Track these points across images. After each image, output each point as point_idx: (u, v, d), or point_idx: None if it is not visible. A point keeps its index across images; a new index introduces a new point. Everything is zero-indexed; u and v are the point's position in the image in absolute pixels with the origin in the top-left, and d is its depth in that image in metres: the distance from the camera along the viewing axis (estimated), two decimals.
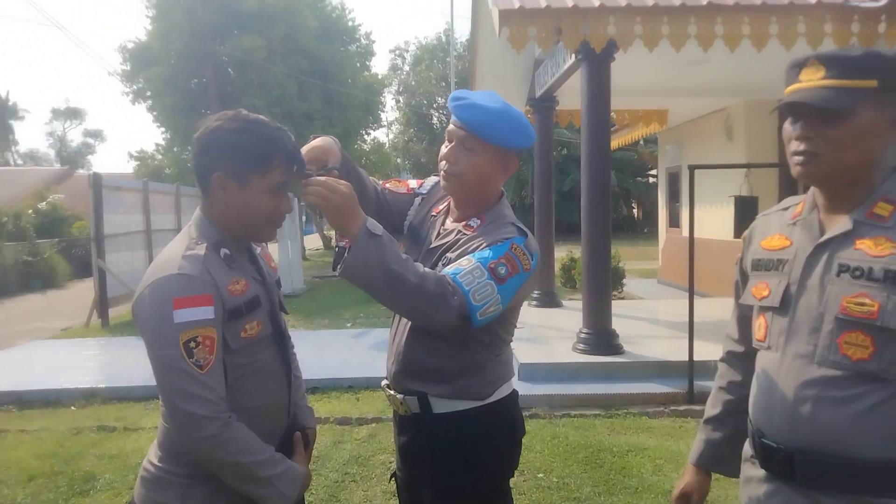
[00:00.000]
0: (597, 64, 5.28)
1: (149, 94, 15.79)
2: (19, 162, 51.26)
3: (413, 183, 1.92)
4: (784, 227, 1.37)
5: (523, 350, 5.66)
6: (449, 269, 1.50)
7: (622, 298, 9.55)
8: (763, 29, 4.70)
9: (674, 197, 11.23)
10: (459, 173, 1.62)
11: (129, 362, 6.18)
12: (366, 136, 21.16)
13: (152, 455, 1.43)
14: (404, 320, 1.66)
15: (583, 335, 5.60)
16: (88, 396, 5.34)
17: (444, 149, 1.67)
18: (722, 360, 1.62)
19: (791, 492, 1.25)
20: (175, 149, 17.33)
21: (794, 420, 1.23)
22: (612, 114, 6.29)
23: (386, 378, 1.77)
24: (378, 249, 1.40)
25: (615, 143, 10.81)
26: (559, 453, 4.02)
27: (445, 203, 1.79)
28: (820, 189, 1.30)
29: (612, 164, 6.43)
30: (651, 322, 7.39)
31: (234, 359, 1.38)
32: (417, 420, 1.65)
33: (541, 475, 3.71)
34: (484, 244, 1.56)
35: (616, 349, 5.55)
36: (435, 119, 37.19)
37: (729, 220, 8.40)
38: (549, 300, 8.19)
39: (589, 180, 5.49)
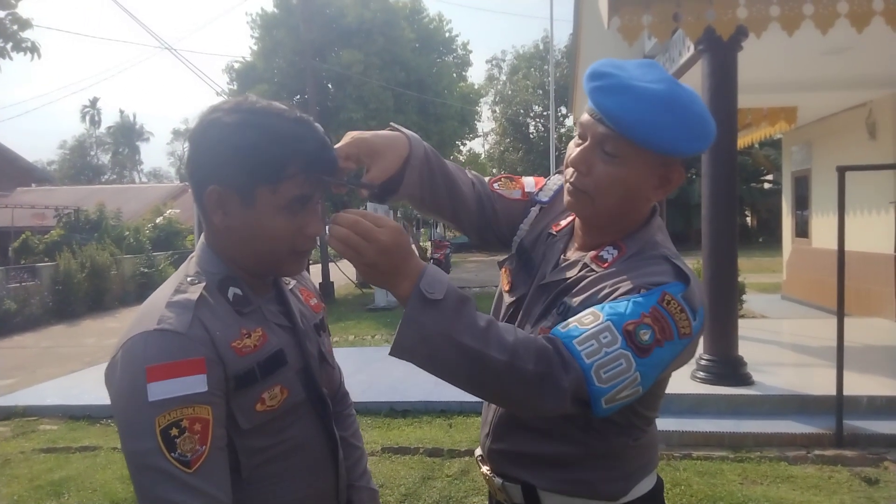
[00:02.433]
0: (722, 54, 4.63)
1: None
2: (144, 180, 55.73)
3: (530, 183, 1.37)
4: None
5: None
6: (562, 329, 1.01)
7: (742, 316, 8.60)
8: None
9: (801, 204, 10.11)
10: (594, 189, 1.10)
11: None
12: (461, 147, 20.98)
13: None
14: None
15: (704, 362, 4.92)
16: None
17: (572, 147, 1.14)
18: None
19: None
20: None
21: None
22: None
23: (480, 450, 1.30)
24: (440, 322, 0.93)
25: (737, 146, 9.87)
26: None
27: (570, 219, 1.25)
28: None
29: None
30: (781, 346, 6.54)
31: (249, 442, 0.99)
32: None
33: None
34: (620, 290, 1.04)
35: (744, 379, 4.84)
36: (532, 128, 36.59)
37: (877, 229, 7.43)
38: None
39: (712, 188, 4.83)
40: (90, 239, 15.20)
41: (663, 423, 4.62)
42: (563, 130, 32.64)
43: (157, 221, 19.50)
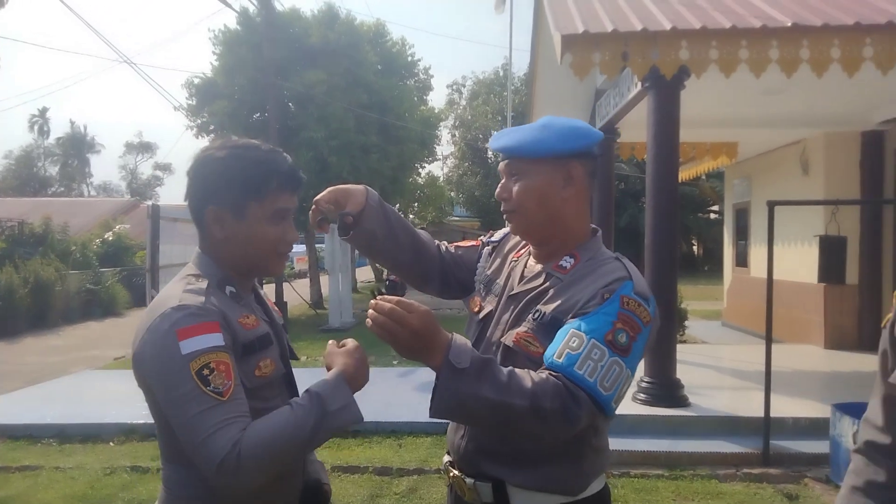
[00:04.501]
0: (666, 92, 4.93)
1: (212, 127, 16.06)
2: (93, 193, 54.05)
3: (484, 238, 1.69)
4: None
5: None
6: (561, 359, 1.21)
7: (684, 342, 8.95)
8: (856, 52, 4.26)
9: (741, 234, 10.60)
10: (517, 205, 1.40)
11: None
12: (420, 170, 21.16)
13: None
14: None
15: (644, 384, 5.15)
16: (127, 432, 5.21)
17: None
18: (857, 451, 1.20)
19: None
20: None
21: None
22: None
23: (449, 454, 1.47)
24: (469, 386, 1.16)
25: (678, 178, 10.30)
26: None
27: (526, 245, 1.52)
28: None
29: None
30: (718, 370, 6.84)
31: (248, 402, 1.22)
32: None
33: None
34: (590, 304, 1.27)
35: (681, 401, 5.07)
36: (490, 153, 37.12)
37: (806, 260, 7.86)
38: None
39: (654, 217, 5.10)
40: (34, 253, 14.69)
41: None
42: None
43: (106, 237, 18.90)
